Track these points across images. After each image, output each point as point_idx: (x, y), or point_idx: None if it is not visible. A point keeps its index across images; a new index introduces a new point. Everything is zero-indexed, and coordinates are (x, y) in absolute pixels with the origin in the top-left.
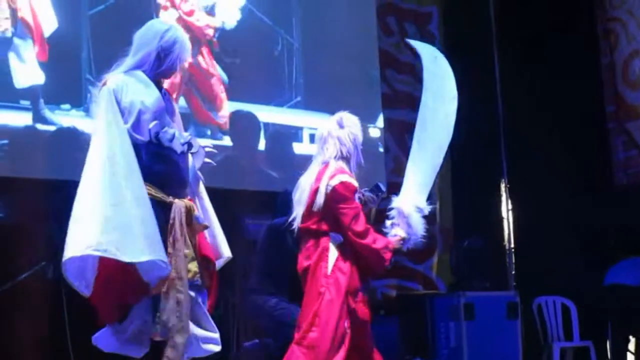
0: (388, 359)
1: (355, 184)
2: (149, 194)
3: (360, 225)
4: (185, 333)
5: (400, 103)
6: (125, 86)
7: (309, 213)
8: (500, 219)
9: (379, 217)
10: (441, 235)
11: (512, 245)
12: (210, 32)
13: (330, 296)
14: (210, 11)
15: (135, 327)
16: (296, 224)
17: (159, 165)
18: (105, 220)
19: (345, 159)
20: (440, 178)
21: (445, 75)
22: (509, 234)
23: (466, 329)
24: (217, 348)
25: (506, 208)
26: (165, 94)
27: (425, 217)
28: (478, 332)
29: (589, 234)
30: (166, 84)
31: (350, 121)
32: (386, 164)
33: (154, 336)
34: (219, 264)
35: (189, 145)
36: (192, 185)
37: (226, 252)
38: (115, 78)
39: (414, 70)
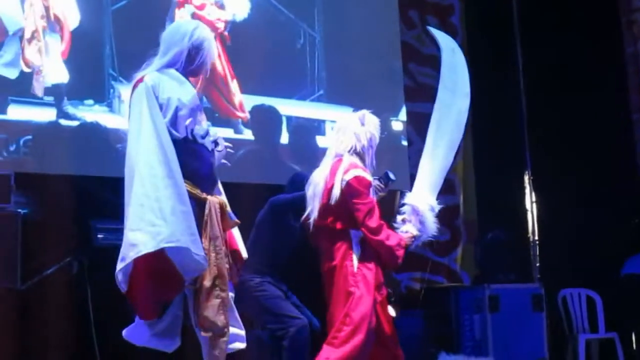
0: (412, 353)
1: (369, 178)
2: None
3: (374, 221)
4: (229, 331)
5: (423, 96)
6: (162, 82)
7: (325, 209)
8: (525, 211)
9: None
10: (465, 227)
11: (537, 238)
12: (221, 25)
13: (360, 293)
14: (220, 5)
15: (166, 322)
16: (312, 219)
17: (193, 161)
18: (170, 213)
19: (359, 155)
20: (464, 171)
21: (461, 70)
22: (533, 226)
23: (491, 321)
24: (242, 345)
25: (530, 200)
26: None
27: (446, 208)
28: (503, 325)
29: (614, 225)
30: None
31: (371, 121)
32: (409, 157)
33: (203, 332)
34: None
35: (216, 142)
36: (218, 182)
37: (243, 253)
38: (151, 75)
39: (436, 63)
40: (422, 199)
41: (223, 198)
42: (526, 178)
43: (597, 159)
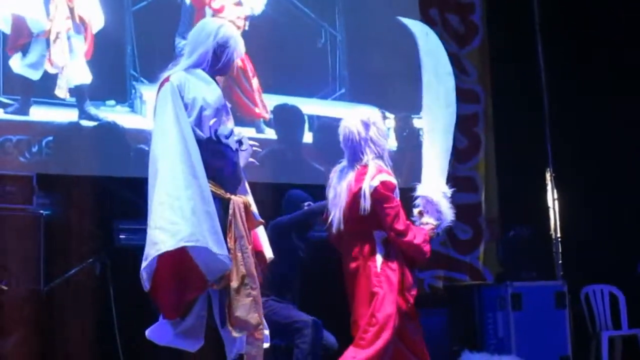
0: (436, 350)
1: (395, 181)
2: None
3: (402, 223)
4: (264, 329)
5: None
6: (188, 82)
7: (350, 215)
8: (546, 208)
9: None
10: (487, 225)
11: (559, 235)
12: (241, 23)
13: (384, 293)
14: (238, 2)
15: (190, 322)
16: (335, 227)
17: (217, 161)
18: (191, 212)
19: (380, 157)
20: (485, 168)
21: (438, 51)
22: (555, 223)
23: (514, 319)
24: (265, 345)
25: (552, 197)
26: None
27: (468, 206)
28: (526, 322)
29: (636, 222)
30: None
31: (374, 117)
32: None
33: (235, 333)
34: None
35: (240, 142)
36: (244, 182)
37: (268, 253)
38: (177, 75)
39: (458, 61)
40: (433, 187)
41: (249, 197)
42: (548, 175)
43: (619, 155)
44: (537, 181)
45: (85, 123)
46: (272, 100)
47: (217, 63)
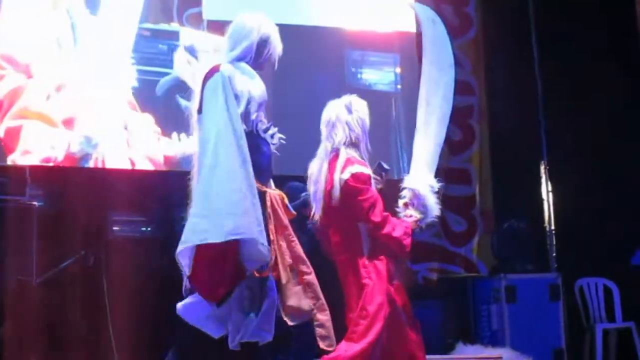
0: (430, 343)
1: (368, 171)
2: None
3: (377, 215)
4: (326, 310)
5: None
6: (236, 75)
7: (329, 207)
8: (541, 201)
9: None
10: (482, 217)
11: (553, 227)
12: None
13: (373, 284)
14: None
15: (225, 309)
16: (320, 222)
17: (255, 155)
18: (237, 204)
19: (355, 145)
20: (480, 161)
21: (443, 41)
22: (549, 216)
23: (508, 311)
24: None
25: (546, 189)
26: None
27: (462, 198)
28: (520, 315)
29: (631, 214)
30: None
31: (359, 105)
32: None
33: (290, 321)
34: None
35: (273, 136)
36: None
37: None
38: (226, 66)
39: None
40: (421, 180)
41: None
42: (542, 167)
43: (614, 147)
44: (532, 173)
45: None
46: None
47: (259, 57)
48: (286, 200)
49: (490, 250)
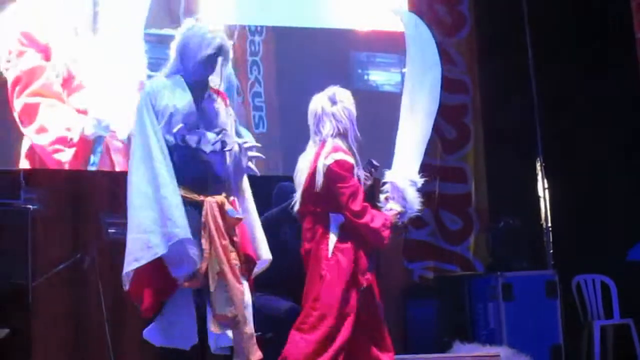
0: (427, 342)
1: (351, 160)
2: (181, 195)
3: (357, 204)
4: (249, 323)
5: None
6: (162, 90)
7: (308, 194)
8: (537, 198)
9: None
10: (477, 215)
11: (550, 224)
12: None
13: (331, 278)
14: None
15: (174, 321)
16: (297, 207)
17: (189, 166)
18: (154, 221)
19: (342, 135)
20: (474, 159)
21: (427, 41)
22: (545, 213)
23: (505, 309)
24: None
25: (542, 187)
26: (209, 96)
27: (457, 197)
28: (517, 313)
29: (627, 211)
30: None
31: (343, 96)
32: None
33: (213, 329)
34: (259, 266)
35: (223, 143)
36: (233, 182)
37: (265, 254)
38: (152, 82)
39: (444, 51)
40: (403, 175)
41: (244, 194)
42: (538, 165)
43: (610, 143)
44: (528, 171)
45: None
46: None
47: (186, 69)
48: (227, 206)
49: (486, 248)
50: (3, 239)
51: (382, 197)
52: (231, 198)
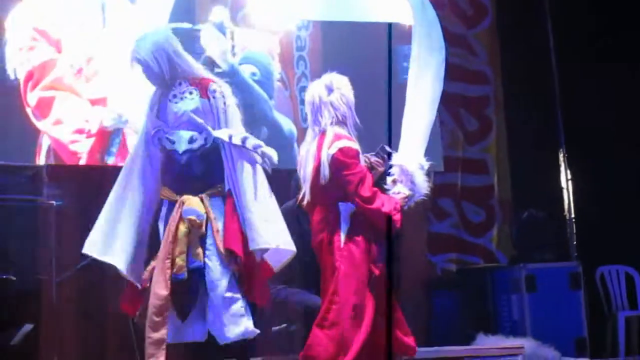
0: (450, 334)
1: (356, 147)
2: (163, 195)
3: (366, 190)
4: (162, 329)
5: (454, 76)
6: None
7: (315, 186)
8: (560, 189)
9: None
10: (500, 207)
11: (573, 215)
12: None
13: (345, 269)
14: None
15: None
16: (306, 201)
17: (169, 167)
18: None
19: (342, 122)
20: (497, 150)
21: (433, 24)
22: (569, 204)
23: (528, 301)
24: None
25: (565, 178)
26: (190, 93)
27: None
28: (540, 304)
29: None
30: None
31: (340, 83)
32: (442, 137)
33: None
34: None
35: (205, 140)
36: (231, 178)
37: (261, 242)
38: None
39: (466, 42)
40: (410, 158)
41: (247, 192)
42: (561, 155)
43: (633, 133)
44: (550, 162)
45: None
46: None
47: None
48: (183, 207)
49: (509, 240)
50: (27, 235)
51: (389, 179)
52: (209, 197)
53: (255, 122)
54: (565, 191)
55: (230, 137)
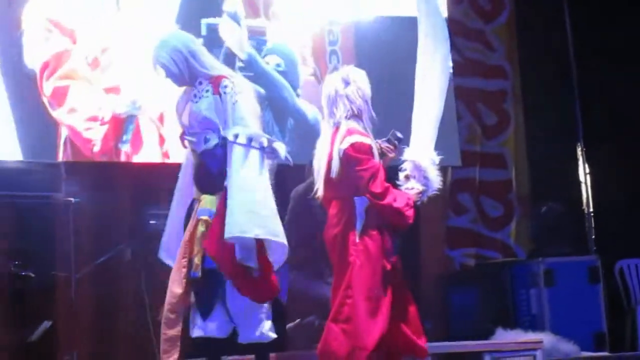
0: (468, 328)
1: (368, 142)
2: (195, 196)
3: (378, 185)
4: (177, 326)
5: (471, 71)
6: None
7: (328, 181)
8: (578, 183)
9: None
10: (518, 201)
11: (591, 209)
12: None
13: (360, 263)
14: None
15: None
16: (319, 194)
17: (195, 167)
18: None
19: (357, 116)
20: (515, 144)
21: (436, 15)
22: (587, 198)
23: (547, 295)
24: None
25: (583, 171)
26: (206, 92)
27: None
28: (559, 298)
29: None
30: None
31: (357, 76)
32: (459, 132)
33: None
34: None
35: (222, 139)
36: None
37: (235, 230)
38: None
39: (484, 37)
40: (422, 152)
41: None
42: (579, 149)
43: None
44: (569, 155)
45: None
46: None
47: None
48: (198, 206)
49: (527, 235)
50: (45, 232)
51: (401, 175)
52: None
53: (280, 113)
54: (583, 185)
55: (235, 137)
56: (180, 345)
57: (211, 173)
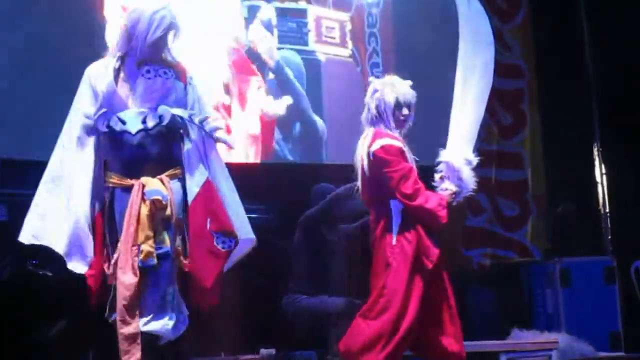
0: (485, 329)
1: (398, 144)
2: (112, 182)
3: (409, 186)
4: (134, 322)
5: (503, 71)
6: (103, 73)
7: (365, 184)
8: (595, 183)
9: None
10: (534, 202)
11: (608, 210)
12: None
13: (397, 265)
14: None
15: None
16: (361, 197)
17: (119, 150)
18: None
19: (377, 123)
20: (531, 145)
21: (480, 19)
22: (603, 198)
23: (563, 295)
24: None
25: (600, 172)
26: (164, 73)
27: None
28: (575, 299)
29: None
30: None
31: (386, 84)
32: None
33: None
34: (243, 247)
35: (160, 118)
36: (201, 160)
37: (246, 234)
38: (98, 63)
39: (501, 37)
40: (457, 154)
41: (193, 180)
42: (595, 150)
43: None
44: (585, 156)
45: None
46: None
47: (134, 48)
48: (146, 188)
49: (543, 235)
50: None
51: (436, 176)
52: (169, 180)
53: (292, 118)
54: (599, 185)
55: (190, 116)
56: (141, 342)
57: (149, 155)
